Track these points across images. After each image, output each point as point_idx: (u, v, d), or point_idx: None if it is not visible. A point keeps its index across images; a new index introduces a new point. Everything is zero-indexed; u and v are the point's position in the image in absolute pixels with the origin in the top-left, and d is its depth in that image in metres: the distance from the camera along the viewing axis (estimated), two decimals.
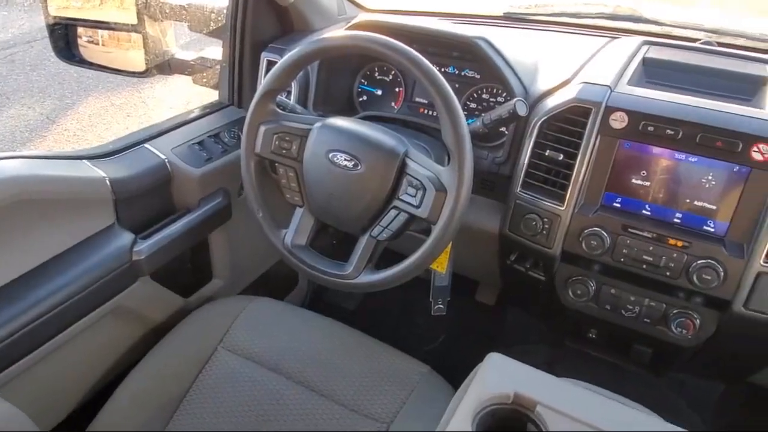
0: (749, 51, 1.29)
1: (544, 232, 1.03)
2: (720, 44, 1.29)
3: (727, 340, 0.99)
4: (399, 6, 1.64)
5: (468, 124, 0.92)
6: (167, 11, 1.37)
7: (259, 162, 1.05)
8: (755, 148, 0.88)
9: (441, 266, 1.12)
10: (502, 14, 1.54)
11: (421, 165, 0.93)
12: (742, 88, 1.07)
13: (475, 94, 1.21)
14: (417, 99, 1.28)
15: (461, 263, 1.18)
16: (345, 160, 0.95)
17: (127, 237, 1.07)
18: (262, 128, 1.02)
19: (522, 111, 0.97)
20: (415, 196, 0.92)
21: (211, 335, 1.10)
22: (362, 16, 1.25)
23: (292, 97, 1.24)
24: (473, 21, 1.52)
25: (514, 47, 1.16)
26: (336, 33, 0.98)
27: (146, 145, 1.17)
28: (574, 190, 0.99)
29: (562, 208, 1.01)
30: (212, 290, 1.35)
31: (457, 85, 1.22)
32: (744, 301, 0.91)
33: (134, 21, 1.33)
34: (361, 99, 1.33)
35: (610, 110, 0.96)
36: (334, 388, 1.01)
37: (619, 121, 0.96)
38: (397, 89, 1.30)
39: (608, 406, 0.77)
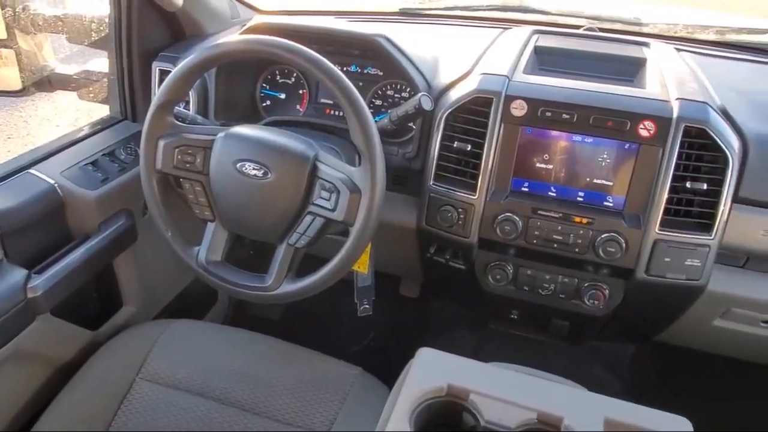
0: (626, 35, 1.39)
1: (460, 222, 1.05)
2: (601, 29, 1.37)
3: (634, 305, 1.06)
4: (294, 6, 1.62)
5: (375, 121, 0.92)
6: (41, 23, 1.26)
7: (162, 178, 0.99)
8: (642, 126, 0.95)
9: (363, 266, 1.12)
10: (397, 10, 1.55)
11: (333, 167, 0.92)
12: (624, 70, 1.14)
13: (379, 92, 1.22)
14: (322, 100, 1.27)
15: (382, 260, 1.19)
16: (254, 169, 0.92)
17: (18, 273, 0.97)
18: (162, 143, 0.96)
19: (427, 105, 0.98)
20: (329, 200, 0.90)
21: (127, 367, 1.03)
22: (257, 19, 1.22)
23: (191, 107, 1.18)
24: (370, 18, 1.53)
25: (413, 42, 1.17)
26: (232, 38, 0.94)
27: (32, 171, 1.07)
28: (485, 179, 1.02)
29: (475, 197, 1.03)
30: (124, 318, 1.26)
31: (360, 84, 1.21)
32: (645, 268, 0.98)
33: (3, 35, 1.21)
34: (264, 104, 1.30)
35: (510, 99, 1.00)
36: (267, 404, 0.98)
37: (519, 108, 1.00)
38: (300, 91, 1.28)
39: (536, 385, 0.80)
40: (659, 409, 0.81)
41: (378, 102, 1.22)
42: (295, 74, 1.27)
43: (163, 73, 1.23)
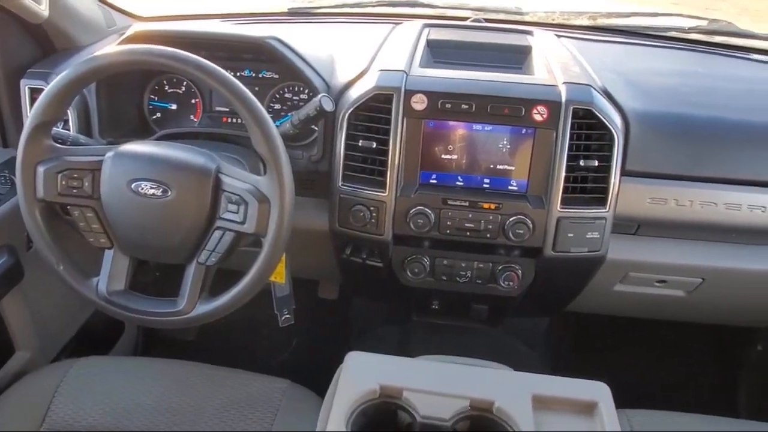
0: (510, 24, 1.45)
1: (373, 220, 1.05)
2: (487, 20, 1.43)
3: (545, 281, 1.11)
4: (175, 11, 1.53)
5: (277, 126, 0.89)
6: None
7: (46, 208, 0.90)
8: (535, 111, 0.99)
9: (279, 276, 1.08)
10: (286, 10, 1.52)
11: (237, 178, 0.88)
12: (513, 58, 1.19)
13: (277, 95, 1.18)
14: (217, 108, 1.21)
15: (298, 267, 1.16)
16: (151, 188, 0.86)
17: None
18: (41, 168, 0.87)
19: (328, 107, 0.96)
20: (237, 213, 0.86)
21: (28, 419, 0.93)
22: (136, 27, 1.14)
23: (71, 127, 1.08)
24: (258, 20, 1.48)
25: (307, 43, 1.15)
26: (110, 49, 0.87)
27: None
28: (393, 175, 1.02)
29: (385, 194, 1.03)
30: (18, 366, 1.14)
31: (256, 88, 1.17)
32: (552, 245, 1.03)
33: None
34: (154, 117, 1.22)
35: (409, 93, 1.01)
36: None
37: (419, 102, 1.01)
38: (193, 101, 1.21)
39: (465, 373, 0.82)
40: (578, 375, 0.85)
41: (277, 106, 1.18)
42: (185, 83, 1.21)
43: (34, 92, 1.12)
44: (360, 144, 1.03)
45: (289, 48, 1.09)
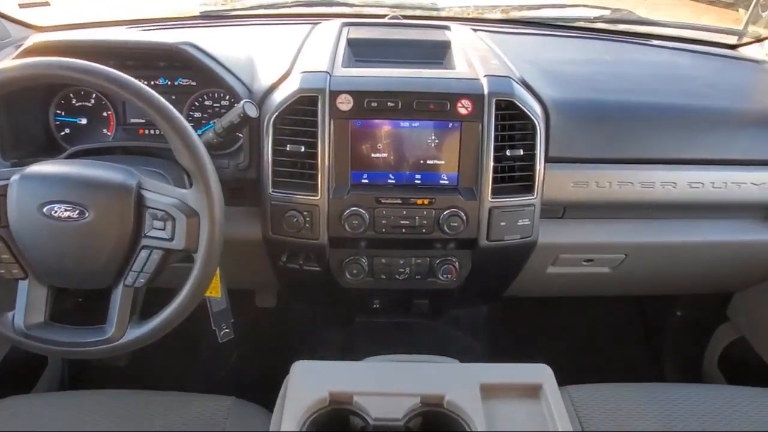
0: (428, 20, 1.47)
1: (308, 225, 1.03)
2: (404, 17, 1.44)
3: (482, 271, 1.13)
4: (76, 20, 1.44)
5: (199, 135, 0.86)
6: None
7: None
8: (460, 104, 1.01)
9: (215, 291, 1.05)
10: (198, 14, 1.46)
11: (161, 193, 0.84)
12: (433, 53, 1.21)
13: (196, 103, 1.14)
14: (133, 120, 1.15)
15: (234, 279, 1.12)
16: (66, 210, 0.80)
17: None
18: None
19: (252, 112, 0.93)
20: (164, 229, 0.82)
21: None
22: (35, 38, 1.05)
23: None
24: (168, 25, 1.42)
25: (223, 47, 1.11)
26: (8, 63, 0.80)
27: None
28: (324, 177, 1.01)
29: (318, 197, 1.02)
30: None
31: (173, 97, 1.11)
32: (486, 235, 1.05)
33: None
34: (62, 133, 1.14)
35: (334, 94, 1.00)
36: None
37: (345, 103, 1.00)
38: (105, 113, 1.14)
39: (413, 370, 0.82)
40: (520, 358, 0.88)
41: (197, 114, 1.14)
42: (94, 95, 1.13)
43: None
44: (288, 148, 1.01)
45: (205, 53, 1.05)
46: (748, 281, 1.41)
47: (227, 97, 1.13)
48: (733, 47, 1.49)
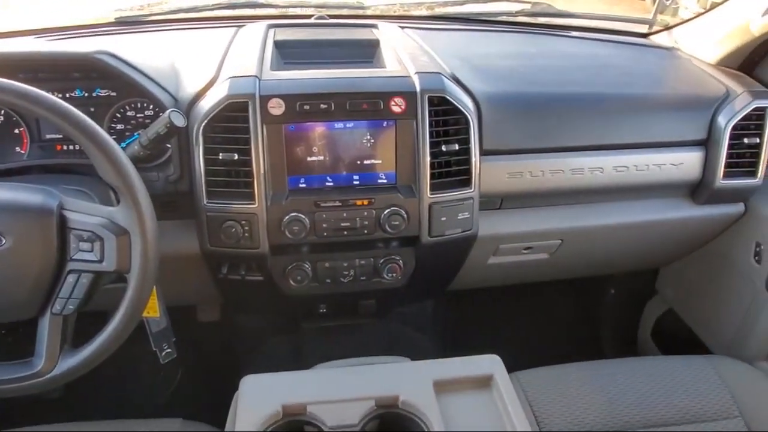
0: (354, 18, 1.47)
1: (247, 234, 1.00)
2: (330, 16, 1.42)
3: (426, 267, 1.14)
4: None
5: (123, 149, 0.81)
6: None
7: None
8: (393, 103, 1.01)
9: (153, 310, 1.00)
10: (114, 20, 1.39)
11: (86, 213, 0.79)
12: (363, 53, 1.20)
13: (118, 114, 1.08)
14: (48, 136, 1.07)
15: (172, 295, 1.08)
16: None
17: None
18: None
19: (179, 122, 0.89)
20: (92, 251, 0.78)
21: None
22: None
23: None
24: (81, 33, 1.34)
25: (143, 54, 1.07)
26: None
27: None
28: (260, 184, 0.98)
29: (255, 205, 0.99)
30: None
31: (92, 109, 1.06)
32: (428, 232, 1.06)
33: None
34: None
35: (265, 99, 0.97)
36: None
37: (277, 107, 0.97)
38: (16, 130, 1.06)
39: (365, 373, 0.81)
40: (469, 349, 0.89)
41: (120, 126, 1.08)
42: (2, 111, 1.05)
43: None
44: (220, 157, 0.98)
45: (122, 61, 1.00)
46: (673, 256, 1.49)
47: (151, 107, 1.08)
48: (644, 36, 1.57)
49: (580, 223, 1.22)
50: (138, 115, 1.08)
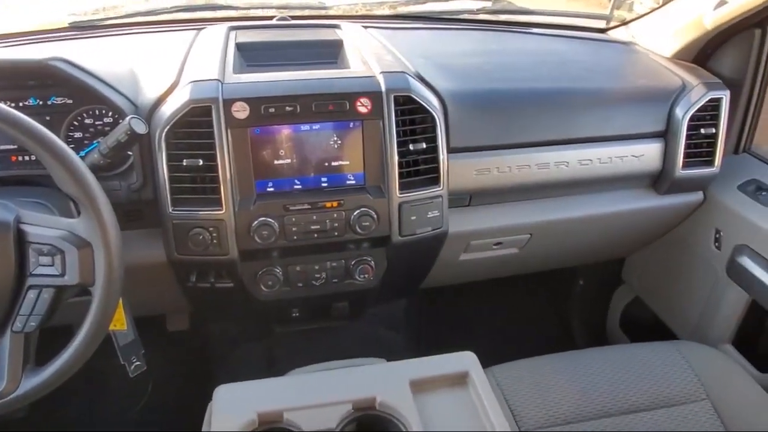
0: (317, 19, 1.45)
1: (215, 241, 0.98)
2: (292, 17, 1.41)
3: (398, 266, 1.14)
4: None
5: (82, 158, 0.79)
6: None
7: None
8: (359, 103, 1.00)
9: (120, 323, 0.97)
10: (67, 25, 1.35)
11: (45, 226, 0.76)
12: (326, 53, 1.19)
13: (75, 122, 1.04)
14: (2, 147, 1.02)
15: (139, 306, 1.05)
16: None
17: None
18: None
19: (140, 129, 0.87)
20: (53, 265, 0.75)
21: None
22: None
23: None
24: (33, 39, 1.29)
25: (100, 59, 1.04)
26: None
27: None
28: (227, 190, 0.97)
29: (223, 211, 0.97)
30: None
31: (47, 118, 1.02)
32: (398, 231, 1.06)
33: None
34: None
35: (229, 103, 0.95)
36: None
37: (241, 111, 0.96)
38: None
39: (340, 376, 0.81)
40: (443, 346, 0.89)
41: (78, 135, 1.04)
42: None
43: None
44: (184, 163, 0.96)
45: (78, 68, 0.97)
46: (638, 245, 1.53)
47: (110, 114, 1.04)
48: (602, 31, 1.60)
49: (547, 217, 1.24)
50: (97, 123, 1.05)
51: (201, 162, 0.96)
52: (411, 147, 1.03)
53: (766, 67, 1.28)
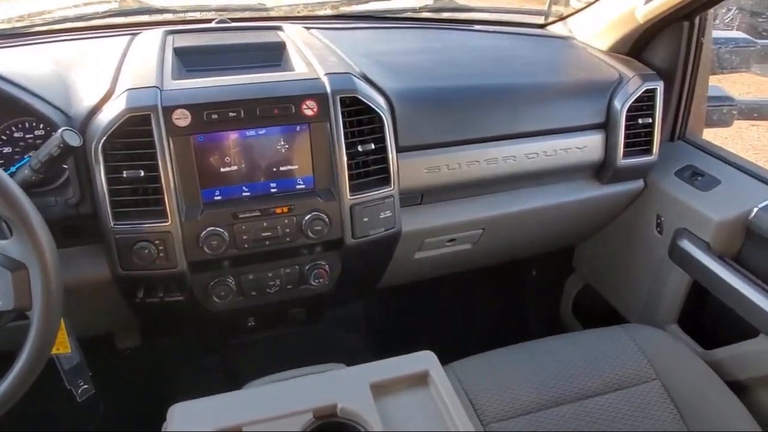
0: (258, 21, 1.43)
1: (162, 254, 0.94)
2: (232, 20, 1.37)
3: (353, 269, 1.13)
4: None
5: (12, 174, 0.74)
6: None
7: None
8: (305, 106, 0.99)
9: (63, 346, 0.92)
10: None
11: None
12: (269, 56, 1.17)
13: (3, 137, 0.98)
14: None
15: (84, 326, 1.01)
16: None
17: None
18: None
19: (74, 141, 0.83)
20: None
21: None
22: None
23: None
24: None
25: (27, 68, 0.98)
26: None
27: None
28: (172, 201, 0.93)
29: (168, 223, 0.94)
30: None
31: None
32: (351, 233, 1.05)
33: None
34: None
35: (169, 110, 0.92)
36: None
37: (182, 118, 0.93)
38: None
39: (299, 385, 0.79)
40: (402, 346, 0.89)
41: (6, 150, 0.98)
42: None
43: None
44: (125, 175, 0.92)
45: (2, 78, 0.91)
46: (586, 234, 1.58)
47: (41, 126, 0.99)
48: (541, 26, 1.64)
49: (499, 211, 1.26)
50: (27, 137, 0.99)
51: (142, 173, 0.92)
52: (360, 148, 1.03)
53: (696, 57, 1.34)
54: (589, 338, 1.17)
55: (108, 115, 0.92)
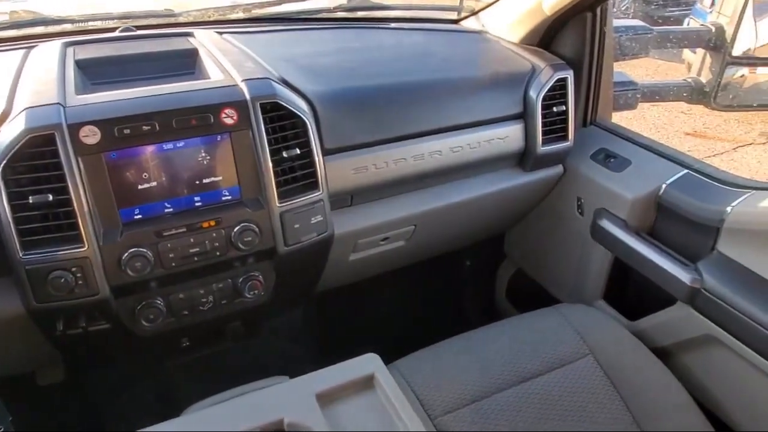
0: (165, 28, 1.36)
1: (81, 282, 0.88)
2: (137, 27, 1.31)
3: (288, 277, 1.11)
4: None
5: None
6: None
7: None
8: (224, 114, 0.95)
9: None
10: None
11: None
12: (181, 64, 1.12)
13: None
14: None
15: (1, 366, 0.92)
16: None
17: None
18: None
19: None
20: None
21: None
22: None
23: None
24: None
25: None
26: None
27: None
28: (86, 224, 0.87)
29: (85, 248, 0.88)
30: None
31: None
32: (283, 242, 1.02)
33: None
34: None
35: (75, 128, 0.86)
36: None
37: (91, 135, 0.87)
38: None
39: (243, 404, 0.77)
40: (346, 349, 0.88)
41: None
42: None
43: None
44: (31, 201, 0.85)
45: None
46: (513, 220, 1.63)
47: None
48: (455, 22, 1.67)
49: (428, 206, 1.27)
50: None
51: (51, 197, 0.86)
52: (285, 154, 1.00)
53: (600, 46, 1.41)
54: (524, 321, 1.21)
55: (6, 137, 0.85)
